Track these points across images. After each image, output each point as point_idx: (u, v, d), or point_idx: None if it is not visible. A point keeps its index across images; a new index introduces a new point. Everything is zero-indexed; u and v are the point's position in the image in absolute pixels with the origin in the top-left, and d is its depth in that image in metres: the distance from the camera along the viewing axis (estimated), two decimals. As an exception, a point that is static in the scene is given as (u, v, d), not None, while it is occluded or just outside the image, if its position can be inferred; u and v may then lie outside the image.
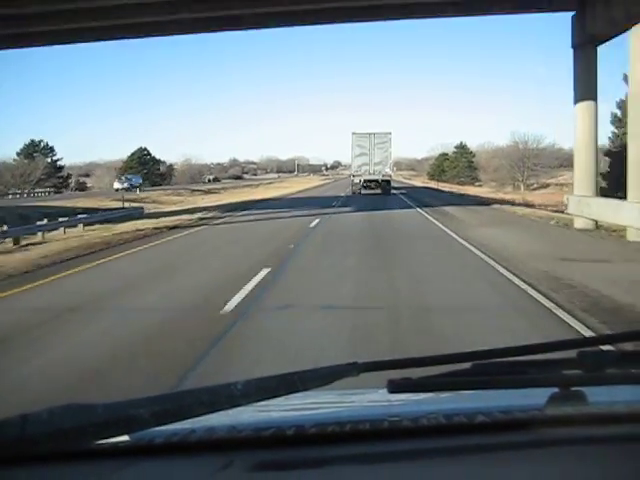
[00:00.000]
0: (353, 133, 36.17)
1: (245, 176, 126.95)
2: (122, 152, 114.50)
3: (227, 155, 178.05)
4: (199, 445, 1.00)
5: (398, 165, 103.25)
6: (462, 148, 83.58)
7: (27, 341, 5.99)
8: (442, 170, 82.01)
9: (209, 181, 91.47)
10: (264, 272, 9.47)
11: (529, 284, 8.19)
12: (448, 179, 76.51)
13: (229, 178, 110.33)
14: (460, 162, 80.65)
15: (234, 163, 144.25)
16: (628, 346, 1.06)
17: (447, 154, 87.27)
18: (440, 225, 17.30)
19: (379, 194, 34.31)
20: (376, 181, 35.78)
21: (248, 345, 5.62)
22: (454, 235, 14.53)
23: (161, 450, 0.99)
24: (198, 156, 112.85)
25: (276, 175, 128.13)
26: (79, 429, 0.84)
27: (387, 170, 35.97)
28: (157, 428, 0.90)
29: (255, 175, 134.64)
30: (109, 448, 0.94)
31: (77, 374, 4.95)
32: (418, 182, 78.69)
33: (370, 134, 35.85)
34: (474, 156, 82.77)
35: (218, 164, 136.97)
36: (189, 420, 0.91)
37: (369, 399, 1.41)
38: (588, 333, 5.67)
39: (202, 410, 0.90)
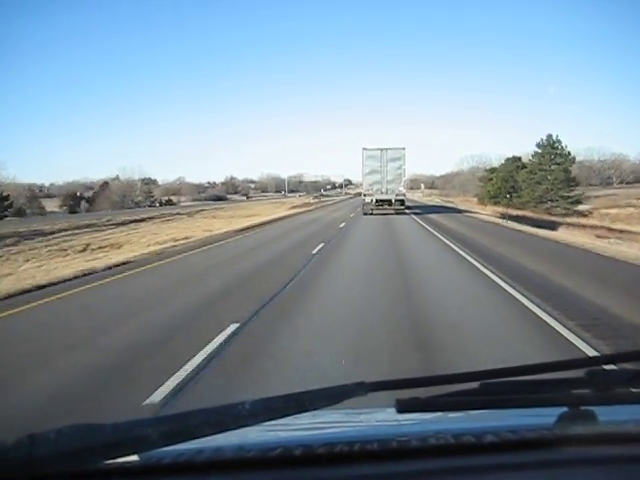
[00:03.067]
0: (364, 149, 33.50)
1: (234, 197, 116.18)
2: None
3: (232, 173, 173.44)
4: (206, 465, 0.99)
5: (415, 183, 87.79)
6: (552, 147, 48.49)
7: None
8: (512, 188, 48.52)
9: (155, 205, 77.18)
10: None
11: None
12: (525, 203, 47.50)
13: (207, 199, 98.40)
14: (549, 173, 47.44)
15: (230, 181, 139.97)
16: (637, 365, 1.04)
17: (519, 158, 55.13)
18: None
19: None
20: (389, 201, 33.17)
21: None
22: None
23: (169, 470, 0.98)
24: (142, 170, 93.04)
25: (244, 197, 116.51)
26: (87, 449, 0.84)
27: (401, 189, 33.34)
28: (165, 448, 0.89)
29: (246, 195, 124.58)
30: (117, 468, 0.94)
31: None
32: (482, 210, 43.89)
33: (382, 150, 33.27)
34: (574, 161, 50.33)
35: (214, 183, 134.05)
36: (197, 440, 0.90)
37: (377, 418, 1.40)
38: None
39: (209, 430, 0.89)
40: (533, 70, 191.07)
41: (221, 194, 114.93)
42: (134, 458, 0.94)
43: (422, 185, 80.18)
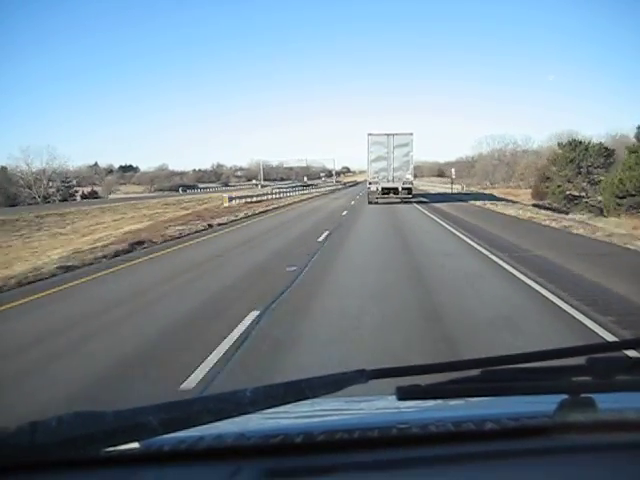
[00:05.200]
0: (369, 134, 31.45)
1: (210, 185, 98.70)
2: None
3: (220, 160, 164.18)
4: (207, 452, 1.00)
5: (419, 170, 69.63)
6: None
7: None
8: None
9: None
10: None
11: None
12: None
13: (173, 189, 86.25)
14: None
15: (216, 169, 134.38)
16: (638, 353, 1.05)
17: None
18: None
19: None
20: (395, 189, 31.18)
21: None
22: None
23: (169, 457, 0.99)
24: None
25: (218, 185, 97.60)
26: (88, 437, 0.84)
27: (408, 176, 31.30)
28: (165, 435, 0.89)
29: (227, 185, 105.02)
30: (118, 456, 0.94)
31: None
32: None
33: (389, 135, 31.20)
34: None
35: (200, 170, 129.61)
36: (197, 427, 0.90)
37: (377, 406, 1.41)
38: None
39: (210, 418, 0.89)
40: (539, 53, 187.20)
41: (192, 183, 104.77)
42: (135, 445, 0.94)
43: (453, 170, 51.05)
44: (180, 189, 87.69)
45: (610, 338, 5.39)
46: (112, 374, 4.83)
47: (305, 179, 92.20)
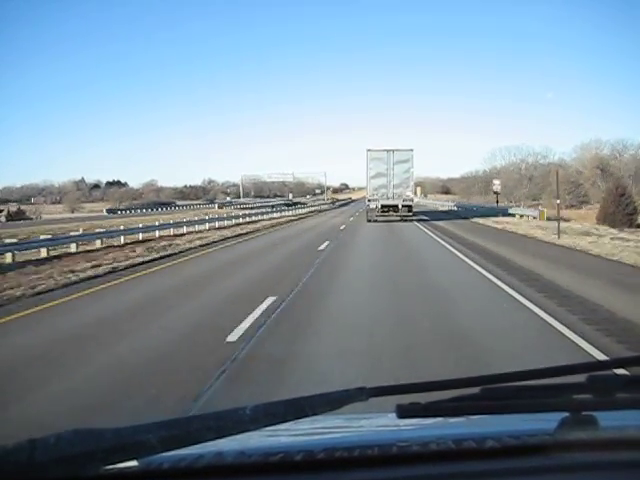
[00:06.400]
0: (368, 150, 31.17)
1: (193, 202, 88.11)
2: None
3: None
4: (207, 470, 0.99)
5: (421, 186, 63.84)
6: None
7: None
8: None
9: None
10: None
11: None
12: None
13: (147, 206, 75.61)
14: None
15: (209, 186, 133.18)
16: (638, 371, 1.05)
17: None
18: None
19: None
20: (395, 206, 30.75)
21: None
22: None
23: (169, 475, 0.98)
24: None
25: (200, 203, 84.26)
26: (87, 454, 0.83)
27: (409, 193, 31.08)
28: (165, 453, 0.88)
29: (212, 202, 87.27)
30: (117, 474, 0.93)
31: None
32: None
33: (388, 151, 30.88)
34: None
35: (189, 186, 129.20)
36: (197, 445, 0.89)
37: (378, 424, 1.40)
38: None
39: (210, 435, 0.88)
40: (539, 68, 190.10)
41: (169, 200, 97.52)
42: (134, 463, 0.93)
43: (497, 182, 44.35)
44: (105, 210, 70.65)
45: None
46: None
47: (290, 196, 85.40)
